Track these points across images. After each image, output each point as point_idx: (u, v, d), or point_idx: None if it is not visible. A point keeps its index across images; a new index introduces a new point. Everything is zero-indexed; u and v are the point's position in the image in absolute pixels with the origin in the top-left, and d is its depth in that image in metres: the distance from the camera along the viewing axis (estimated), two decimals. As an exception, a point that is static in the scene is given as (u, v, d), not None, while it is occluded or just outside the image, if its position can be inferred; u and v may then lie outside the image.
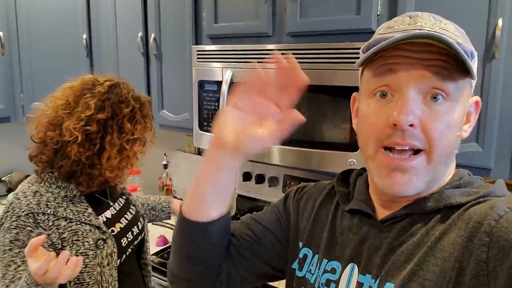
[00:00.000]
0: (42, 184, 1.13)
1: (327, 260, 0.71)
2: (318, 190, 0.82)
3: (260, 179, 2.03)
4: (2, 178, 2.49)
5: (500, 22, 1.12)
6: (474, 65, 0.60)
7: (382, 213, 0.68)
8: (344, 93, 1.35)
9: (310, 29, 1.46)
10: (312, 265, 0.73)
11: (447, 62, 0.57)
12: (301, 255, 0.76)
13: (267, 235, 0.81)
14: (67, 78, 1.22)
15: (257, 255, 0.80)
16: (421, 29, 0.58)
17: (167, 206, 1.57)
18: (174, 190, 2.33)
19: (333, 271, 0.69)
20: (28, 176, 1.23)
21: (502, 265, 0.52)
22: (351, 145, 1.36)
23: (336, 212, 0.75)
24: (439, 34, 0.55)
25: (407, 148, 0.59)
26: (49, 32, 2.26)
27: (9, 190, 2.44)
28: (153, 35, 1.97)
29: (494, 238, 0.54)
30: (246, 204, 2.13)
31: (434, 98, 0.58)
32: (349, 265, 0.67)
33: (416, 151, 0.60)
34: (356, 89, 1.28)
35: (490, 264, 0.53)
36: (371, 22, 1.33)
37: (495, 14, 1.13)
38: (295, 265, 0.77)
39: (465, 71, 0.58)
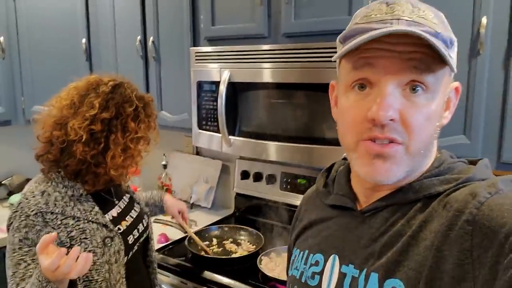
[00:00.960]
0: (49, 184, 1.15)
1: (312, 254, 0.72)
2: (305, 199, 0.85)
3: (258, 177, 2.08)
4: (3, 182, 2.50)
5: (484, 20, 1.18)
6: (453, 52, 0.60)
7: (364, 202, 0.69)
8: (338, 90, 1.40)
9: (304, 30, 1.52)
10: (298, 262, 0.75)
11: (425, 53, 0.57)
12: (292, 257, 0.78)
13: None
14: (67, 81, 1.23)
15: None
16: (398, 19, 0.57)
17: (159, 200, 1.60)
18: (173, 190, 2.37)
19: (317, 263, 0.71)
20: (29, 179, 1.25)
21: (486, 253, 0.52)
22: (345, 140, 1.40)
23: (320, 208, 0.77)
24: (416, 30, 0.54)
25: (387, 142, 0.59)
26: (49, 36, 2.30)
27: (10, 193, 2.46)
28: (151, 38, 2.02)
29: (477, 226, 0.53)
30: (244, 203, 2.18)
31: (413, 89, 0.58)
32: (331, 256, 0.68)
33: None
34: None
35: (474, 253, 0.53)
36: (363, 22, 1.38)
37: (479, 12, 1.19)
38: (289, 268, 0.80)
39: (444, 61, 0.57)
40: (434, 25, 0.58)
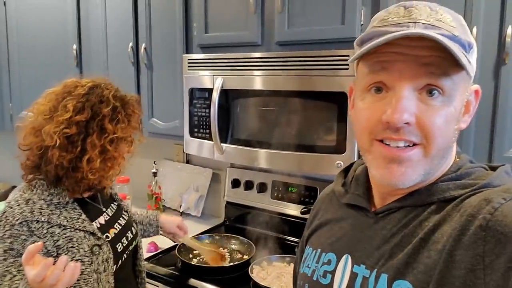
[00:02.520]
0: (34, 192, 1.12)
1: (324, 253, 0.73)
2: (321, 199, 0.86)
3: (248, 185, 2.07)
4: (-13, 189, 2.46)
5: (474, 30, 1.20)
6: (472, 56, 0.60)
7: (379, 203, 0.69)
8: (330, 98, 1.41)
9: (297, 38, 1.53)
10: (310, 260, 0.76)
11: (442, 57, 0.56)
12: (305, 255, 0.79)
13: None
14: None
15: None
16: (415, 22, 0.57)
17: (154, 219, 1.54)
18: (163, 199, 2.34)
19: (329, 262, 0.71)
20: (15, 187, 1.22)
21: (499, 258, 0.51)
22: (338, 148, 1.41)
23: (335, 207, 0.78)
24: (432, 33, 0.54)
25: (402, 144, 0.59)
26: (39, 42, 2.28)
27: (-5, 201, 2.41)
28: (144, 45, 2.02)
29: (490, 232, 0.53)
30: (235, 211, 2.16)
31: (430, 93, 0.58)
32: (344, 256, 0.69)
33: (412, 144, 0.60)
34: (341, 94, 1.36)
35: (486, 258, 0.53)
36: (355, 31, 1.40)
37: (470, 22, 1.21)
38: (300, 266, 0.80)
39: (460, 65, 0.57)
40: (452, 28, 0.58)
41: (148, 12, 1.99)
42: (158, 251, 1.83)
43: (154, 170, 2.31)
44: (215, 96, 1.63)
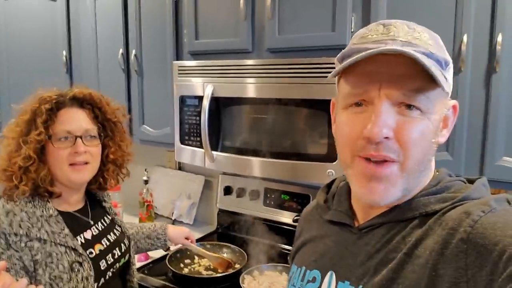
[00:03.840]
0: (17, 203, 1.08)
1: (309, 270, 0.73)
2: (305, 214, 0.86)
3: (241, 192, 2.05)
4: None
5: (465, 38, 1.20)
6: (448, 73, 0.61)
7: (362, 218, 0.70)
8: (321, 106, 1.40)
9: (288, 45, 1.52)
10: (295, 278, 0.75)
11: (418, 74, 0.57)
12: (290, 273, 0.79)
13: None
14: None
15: None
16: (394, 39, 0.59)
17: (162, 233, 1.52)
18: (155, 206, 2.32)
19: (314, 280, 0.71)
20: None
21: (481, 271, 0.52)
22: (329, 156, 1.40)
23: (318, 223, 0.78)
24: (409, 50, 0.55)
25: (381, 159, 0.60)
26: (28, 49, 2.26)
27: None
28: (134, 51, 2.00)
29: (471, 244, 0.54)
30: (227, 219, 2.14)
31: (408, 107, 0.59)
32: (328, 273, 0.69)
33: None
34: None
35: (469, 271, 0.53)
36: (346, 38, 1.39)
37: (461, 30, 1.21)
38: (287, 284, 0.79)
39: (436, 81, 0.58)
40: (428, 45, 0.59)
41: (138, 18, 1.98)
42: (149, 260, 1.81)
43: (145, 178, 2.28)
44: (206, 103, 1.61)
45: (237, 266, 1.70)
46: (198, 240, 1.98)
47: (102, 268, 1.16)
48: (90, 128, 1.17)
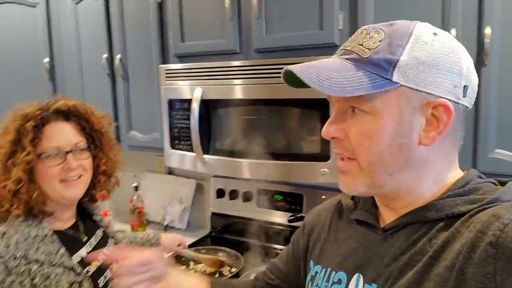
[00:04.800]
0: (10, 223, 1.04)
1: (334, 272, 0.72)
2: (326, 210, 0.85)
3: (233, 195, 2.03)
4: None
5: (453, 32, 1.20)
6: (401, 71, 0.59)
7: (386, 218, 0.69)
8: (312, 105, 1.39)
9: (276, 45, 1.50)
10: (319, 279, 0.75)
11: None
12: (313, 273, 0.78)
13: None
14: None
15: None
16: (344, 49, 0.65)
17: (156, 242, 1.50)
18: (146, 213, 2.28)
19: (339, 281, 0.70)
20: None
21: (510, 277, 0.51)
22: (323, 155, 1.39)
23: (343, 224, 0.78)
24: (293, 68, 0.64)
25: (343, 156, 0.66)
26: (8, 57, 2.20)
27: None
28: (118, 56, 1.96)
29: (500, 249, 0.53)
30: (220, 222, 2.12)
31: (353, 111, 0.63)
32: (355, 275, 0.68)
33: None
34: (323, 101, 1.33)
35: (497, 276, 0.52)
36: (334, 36, 1.38)
37: (449, 24, 1.21)
38: (307, 284, 0.79)
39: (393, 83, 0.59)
40: (365, 51, 0.61)
41: (122, 22, 1.94)
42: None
43: (135, 184, 2.24)
44: (195, 106, 1.59)
45: (234, 270, 1.68)
46: (192, 245, 1.95)
47: (100, 285, 1.12)
48: (79, 141, 1.12)
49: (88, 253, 1.14)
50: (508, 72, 1.17)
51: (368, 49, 0.61)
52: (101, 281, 1.13)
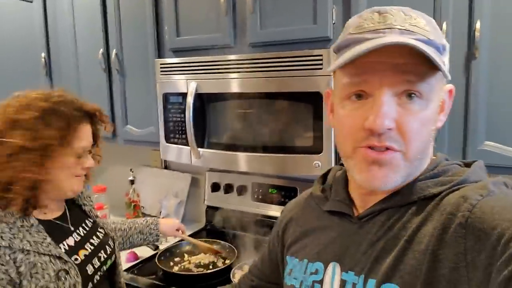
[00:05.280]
0: None
1: (311, 263, 0.72)
2: (298, 205, 0.85)
3: (228, 188, 2.05)
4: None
5: (444, 25, 1.22)
6: (446, 57, 0.62)
7: (361, 207, 0.70)
8: (305, 98, 1.40)
9: (270, 39, 1.52)
10: (297, 272, 0.75)
11: (419, 62, 0.57)
12: (290, 266, 0.78)
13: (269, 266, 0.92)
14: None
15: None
16: (391, 28, 0.58)
17: (155, 228, 1.52)
18: (142, 206, 2.30)
19: (316, 272, 0.70)
20: None
21: (480, 255, 0.52)
22: (315, 148, 1.41)
23: (317, 216, 0.77)
24: (409, 40, 0.55)
25: (383, 149, 0.60)
26: (5, 52, 2.21)
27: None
28: (114, 50, 1.97)
29: (470, 229, 0.54)
30: (215, 215, 2.13)
31: (409, 96, 0.59)
32: (331, 264, 0.68)
33: None
34: (316, 94, 1.35)
35: (468, 255, 0.54)
36: (327, 30, 1.40)
37: (440, 18, 1.23)
38: (285, 277, 0.79)
39: (437, 68, 0.58)
40: (426, 32, 0.59)
41: (118, 17, 1.95)
42: (138, 260, 1.79)
43: (131, 178, 2.26)
44: (190, 100, 1.60)
45: (227, 261, 1.69)
46: (187, 238, 1.97)
47: (89, 273, 1.14)
48: (92, 142, 1.19)
49: (75, 242, 1.15)
50: (497, 65, 1.18)
51: (427, 31, 0.59)
52: (89, 269, 1.14)
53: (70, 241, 1.14)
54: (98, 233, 1.24)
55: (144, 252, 1.83)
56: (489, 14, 1.17)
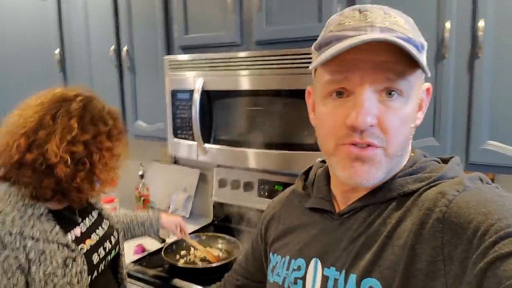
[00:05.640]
0: (7, 203, 1.09)
1: (294, 260, 0.73)
2: (280, 202, 0.86)
3: (235, 184, 2.07)
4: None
5: (447, 24, 1.22)
6: (423, 56, 0.62)
7: (342, 204, 0.70)
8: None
9: (276, 37, 1.53)
10: (279, 268, 0.75)
11: (398, 59, 0.58)
12: (273, 263, 0.78)
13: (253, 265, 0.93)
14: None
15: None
16: (372, 26, 0.59)
17: (156, 220, 1.57)
18: (151, 201, 2.34)
19: (298, 268, 0.71)
20: None
21: (456, 249, 0.53)
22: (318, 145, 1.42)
23: (299, 213, 0.78)
24: (390, 37, 0.56)
25: (365, 145, 0.60)
26: (21, 48, 2.27)
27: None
28: (125, 47, 2.01)
29: (447, 224, 0.55)
30: (222, 211, 2.17)
31: (389, 94, 0.59)
32: (313, 260, 0.69)
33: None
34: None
35: (445, 249, 0.55)
36: (333, 28, 1.41)
37: (443, 17, 1.23)
38: (268, 274, 0.80)
39: (418, 66, 0.59)
40: (406, 30, 0.60)
41: (129, 14, 1.99)
42: (145, 253, 1.83)
43: (141, 172, 2.31)
44: (196, 97, 1.63)
45: (234, 257, 1.72)
46: (194, 232, 2.01)
47: (94, 262, 1.18)
48: None
49: (82, 233, 1.20)
50: (501, 65, 1.18)
51: (406, 29, 0.60)
52: (95, 258, 1.19)
53: (77, 230, 1.19)
54: (103, 225, 1.29)
55: (152, 245, 1.88)
56: (493, 14, 1.17)
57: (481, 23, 1.17)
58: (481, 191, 0.58)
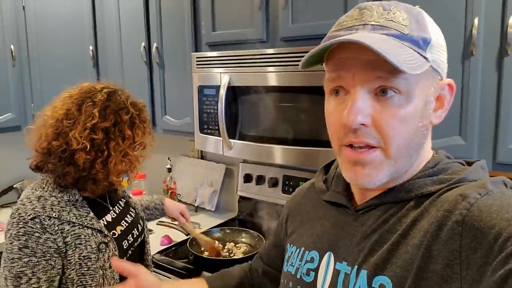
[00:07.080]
0: (45, 189, 1.15)
1: (308, 251, 0.74)
2: (300, 195, 0.88)
3: (260, 180, 2.10)
4: (14, 185, 2.57)
5: (476, 21, 1.19)
6: (432, 51, 0.60)
7: (359, 200, 0.70)
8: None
9: (301, 34, 1.54)
10: (294, 259, 0.76)
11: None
12: (289, 253, 0.80)
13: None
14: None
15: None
16: (365, 24, 0.59)
17: (160, 203, 1.62)
18: (178, 194, 2.40)
19: (312, 260, 0.72)
20: None
21: (475, 254, 0.52)
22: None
23: (316, 206, 0.79)
24: (355, 39, 0.55)
25: (363, 145, 0.60)
26: (57, 44, 2.36)
27: (21, 197, 2.52)
28: (155, 44, 2.07)
29: (466, 227, 0.54)
30: (247, 206, 2.20)
31: (383, 92, 0.58)
32: (326, 254, 0.70)
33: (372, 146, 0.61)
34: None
35: (463, 253, 0.53)
36: (358, 25, 1.40)
37: (471, 13, 1.20)
38: (284, 263, 0.81)
39: (414, 62, 0.57)
40: (402, 27, 0.59)
41: (159, 12, 2.05)
42: (172, 244, 1.89)
43: (168, 166, 2.37)
44: (222, 93, 1.66)
45: (257, 251, 1.75)
46: (218, 226, 2.05)
47: (124, 247, 1.25)
48: None
49: (112, 218, 1.26)
50: (531, 62, 1.15)
51: (403, 25, 0.58)
52: (125, 244, 1.26)
53: (108, 217, 1.25)
54: (131, 212, 1.36)
55: (178, 237, 1.93)
56: (524, 9, 1.14)
57: (511, 20, 1.14)
58: (504, 195, 0.57)
